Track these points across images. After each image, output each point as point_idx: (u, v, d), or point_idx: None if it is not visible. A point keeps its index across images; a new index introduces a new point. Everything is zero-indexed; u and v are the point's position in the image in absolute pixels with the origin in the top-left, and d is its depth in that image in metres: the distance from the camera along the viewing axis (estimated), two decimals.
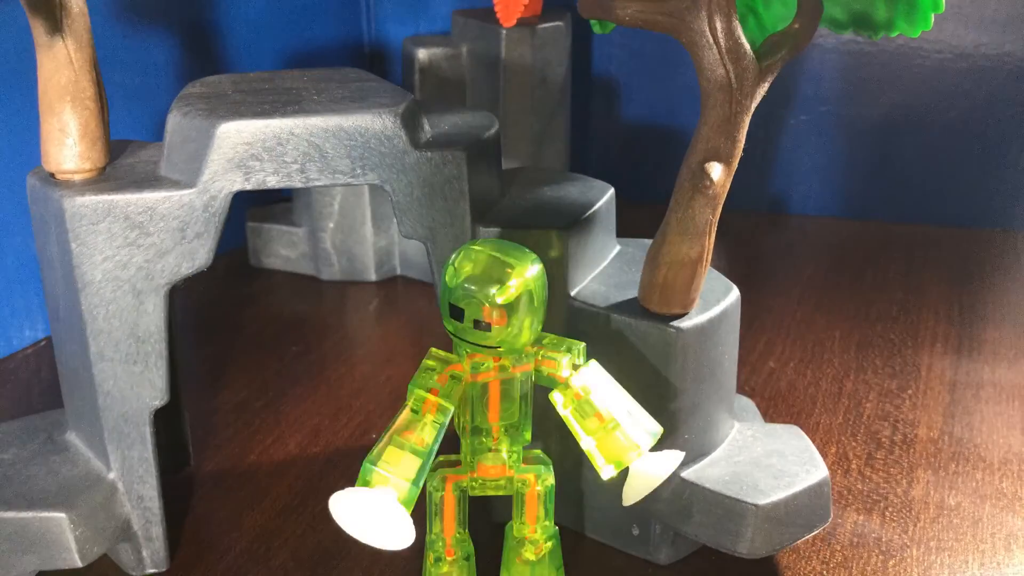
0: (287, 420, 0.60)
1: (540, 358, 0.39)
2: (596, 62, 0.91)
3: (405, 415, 0.38)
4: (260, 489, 0.53)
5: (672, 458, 0.40)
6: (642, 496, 0.40)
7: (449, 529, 0.41)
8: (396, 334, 0.70)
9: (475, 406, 0.39)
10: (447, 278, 0.36)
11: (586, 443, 0.39)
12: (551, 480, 0.41)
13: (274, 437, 0.58)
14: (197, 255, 0.41)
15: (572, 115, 0.82)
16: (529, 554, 0.42)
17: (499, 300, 0.36)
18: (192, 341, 0.69)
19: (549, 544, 0.42)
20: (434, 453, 0.38)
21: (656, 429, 0.40)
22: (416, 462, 0.37)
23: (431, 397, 0.37)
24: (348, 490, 0.36)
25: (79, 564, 0.43)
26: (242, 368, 0.65)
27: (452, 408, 0.38)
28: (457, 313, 0.36)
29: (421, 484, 0.37)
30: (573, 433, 0.40)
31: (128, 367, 0.42)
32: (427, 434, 0.37)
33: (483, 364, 0.38)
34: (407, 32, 0.89)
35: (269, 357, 0.66)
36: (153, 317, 0.42)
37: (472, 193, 0.43)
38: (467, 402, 0.39)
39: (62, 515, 0.42)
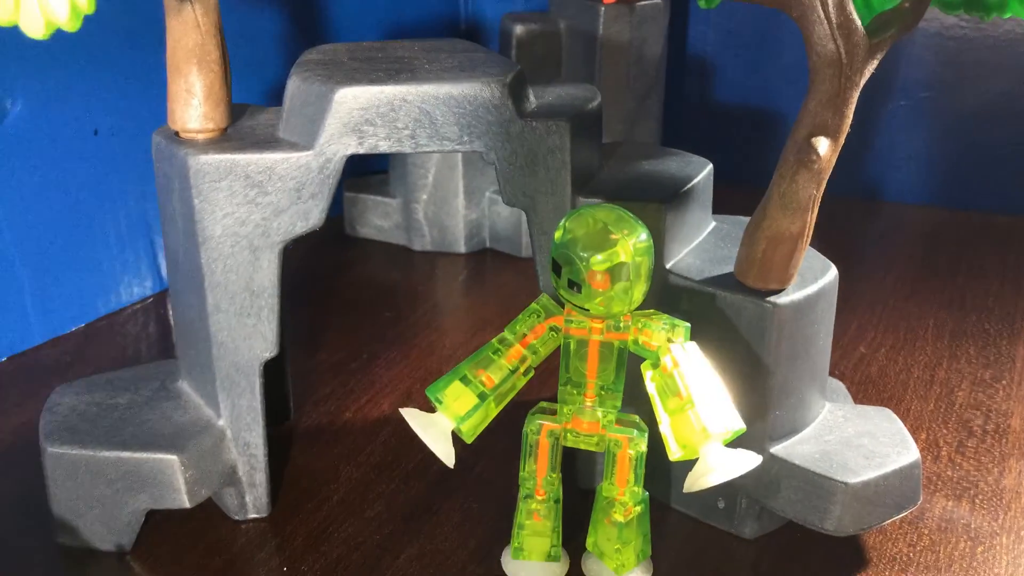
0: (381, 382, 0.62)
1: (638, 328, 0.39)
2: (691, 42, 0.90)
3: (486, 352, 0.39)
4: (356, 445, 0.55)
5: (746, 460, 0.39)
6: (700, 488, 0.39)
7: (541, 471, 0.43)
8: (484, 305, 0.72)
9: (574, 359, 0.40)
10: (556, 235, 0.37)
11: (662, 422, 0.40)
12: (643, 446, 0.42)
13: (368, 397, 0.60)
14: (311, 215, 0.43)
15: (665, 94, 0.82)
16: (618, 515, 0.43)
17: (595, 265, 0.37)
18: (291, 304, 0.71)
19: (638, 509, 0.43)
20: (501, 395, 0.40)
21: (736, 425, 0.39)
22: (473, 401, 0.39)
23: (517, 346, 0.39)
24: (411, 411, 0.40)
25: (187, 505, 0.46)
26: (338, 331, 0.67)
27: (534, 360, 0.39)
28: (557, 269, 0.37)
29: (475, 421, 0.40)
30: (653, 410, 0.40)
31: (242, 319, 0.45)
32: (498, 376, 0.39)
33: (581, 322, 0.39)
34: (503, 9, 0.90)
35: (363, 322, 0.69)
36: (267, 273, 0.44)
37: (574, 163, 0.44)
38: (566, 354, 0.40)
39: (173, 457, 0.45)
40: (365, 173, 0.82)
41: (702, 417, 0.38)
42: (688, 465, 0.40)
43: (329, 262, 0.77)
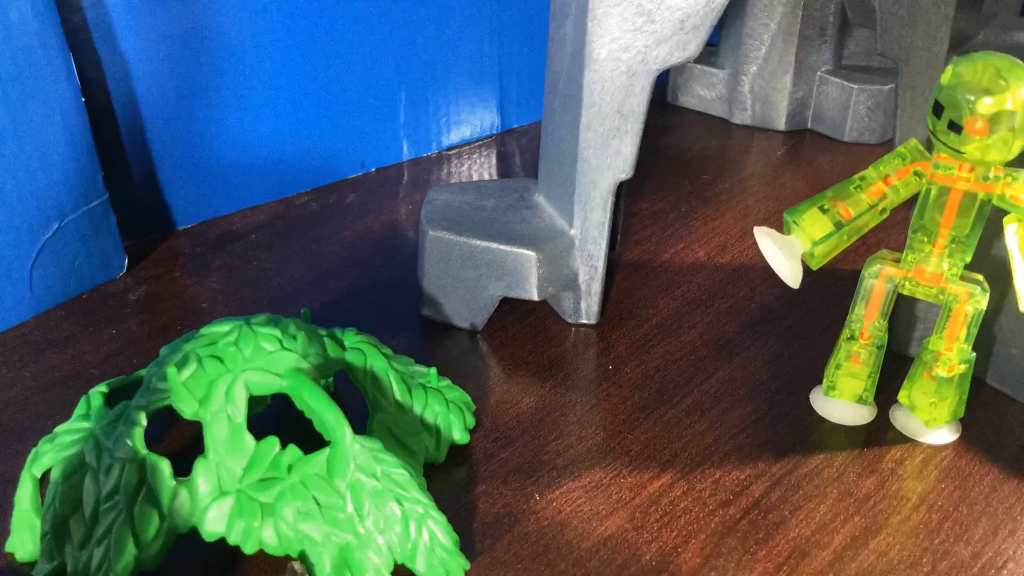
0: (697, 233, 0.65)
1: (1008, 182, 0.40)
2: None
3: (847, 185, 0.42)
4: (672, 281, 0.60)
5: None
6: None
7: (871, 315, 0.45)
8: (800, 182, 0.73)
9: (931, 208, 0.42)
10: (943, 78, 0.39)
11: (1018, 277, 0.40)
12: (983, 304, 0.43)
13: (685, 244, 0.64)
14: (688, 46, 0.47)
15: None
16: (941, 370, 0.44)
17: (980, 109, 0.38)
18: None
19: (962, 368, 0.44)
20: (855, 228, 0.42)
21: None
22: (828, 228, 0.42)
23: (879, 183, 0.41)
24: (765, 229, 0.43)
25: (535, 297, 0.52)
26: (658, 184, 0.72)
27: (892, 200, 0.41)
28: (939, 110, 0.39)
29: (827, 247, 0.42)
30: (1011, 269, 0.41)
31: (607, 140, 0.50)
32: (855, 209, 0.41)
33: (949, 168, 0.40)
34: None
35: (682, 180, 0.72)
36: (639, 98, 0.48)
37: (955, 21, 0.44)
38: (924, 201, 0.42)
39: (532, 254, 0.52)
40: None
41: None
42: (1017, 339, 0.41)
43: (650, 125, 0.81)
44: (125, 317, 0.56)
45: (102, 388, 0.42)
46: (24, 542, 0.39)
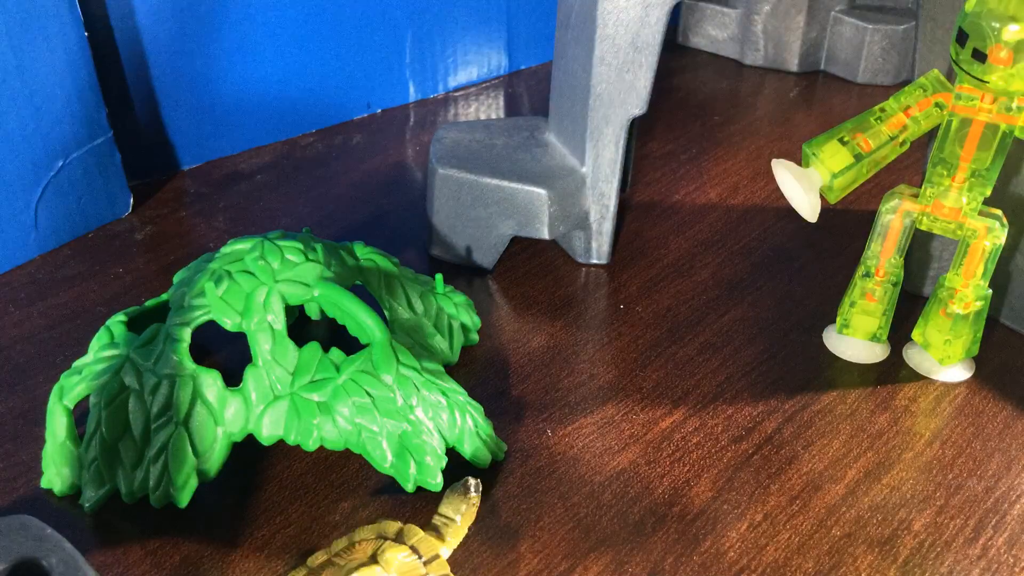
0: (709, 174, 0.65)
1: None
2: None
3: (867, 116, 0.41)
4: (684, 222, 0.59)
5: None
6: None
7: (887, 252, 0.44)
8: (813, 123, 0.72)
9: (951, 139, 0.41)
10: (967, 5, 0.38)
11: None
12: (1001, 239, 0.42)
13: (696, 185, 0.63)
14: None
15: None
16: (957, 306, 0.44)
17: (1005, 37, 0.37)
18: None
19: (978, 305, 0.44)
20: (874, 161, 0.41)
21: None
22: (847, 160, 0.41)
23: (900, 114, 0.40)
24: (784, 161, 0.42)
25: (547, 236, 0.52)
26: (668, 126, 0.71)
27: (913, 132, 0.40)
28: (962, 38, 0.38)
29: (846, 180, 0.41)
30: None
31: (621, 74, 0.49)
32: (875, 142, 0.41)
33: (972, 99, 0.40)
34: None
35: (693, 122, 0.71)
36: (654, 30, 0.47)
37: None
38: (944, 134, 0.41)
39: (543, 191, 0.51)
40: None
41: None
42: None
43: (660, 66, 0.80)
44: (131, 256, 0.55)
45: (120, 318, 0.42)
46: (62, 475, 0.40)
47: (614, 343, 0.49)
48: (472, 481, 0.37)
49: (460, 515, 0.36)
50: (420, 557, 0.34)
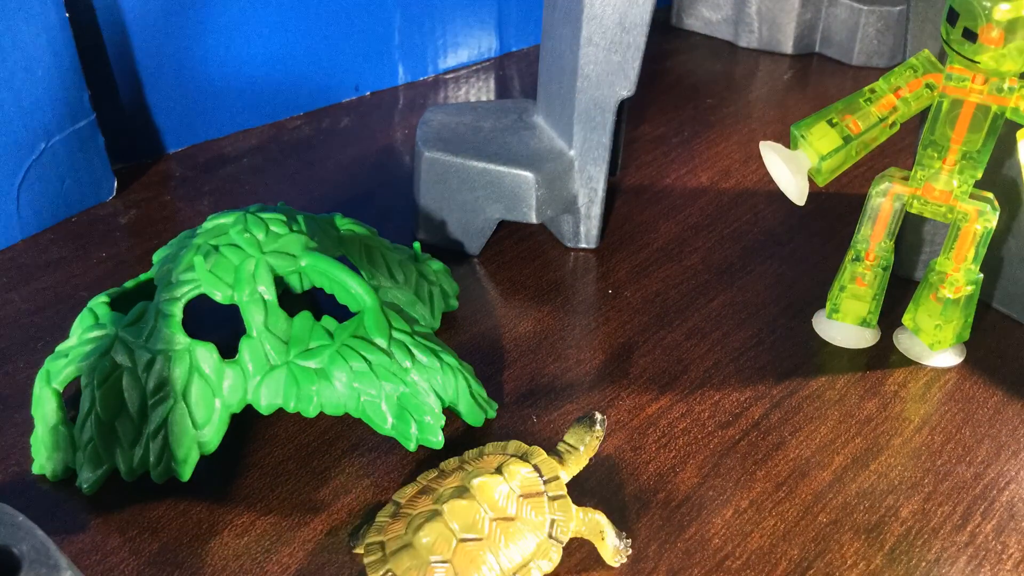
0: (700, 158, 0.64)
1: (1023, 93, 0.39)
2: None
3: (856, 98, 0.40)
4: (674, 206, 0.59)
5: None
6: None
7: (877, 236, 0.44)
8: (807, 106, 0.71)
9: (942, 120, 0.40)
10: None
11: None
12: (992, 223, 0.42)
13: (688, 169, 0.63)
14: None
15: None
16: (947, 291, 0.43)
17: (996, 16, 0.36)
18: None
19: (969, 289, 0.43)
20: (864, 143, 0.40)
21: None
22: (836, 142, 0.40)
23: (890, 95, 0.39)
24: (771, 143, 0.41)
25: (534, 220, 0.51)
26: (660, 109, 0.70)
27: (903, 113, 0.40)
28: (953, 18, 0.37)
29: (835, 162, 0.40)
30: (1022, 178, 0.40)
31: (608, 55, 0.48)
32: (864, 123, 0.40)
33: (963, 80, 0.39)
34: None
35: (685, 104, 0.71)
36: (642, 9, 0.46)
37: None
38: (935, 115, 0.40)
39: (530, 175, 0.50)
40: None
41: None
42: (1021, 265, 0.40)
43: (652, 49, 0.79)
44: (115, 240, 0.55)
45: (102, 299, 0.42)
46: (54, 460, 0.39)
47: (602, 328, 0.48)
48: (599, 416, 0.38)
49: (584, 445, 0.38)
50: (541, 476, 0.36)
